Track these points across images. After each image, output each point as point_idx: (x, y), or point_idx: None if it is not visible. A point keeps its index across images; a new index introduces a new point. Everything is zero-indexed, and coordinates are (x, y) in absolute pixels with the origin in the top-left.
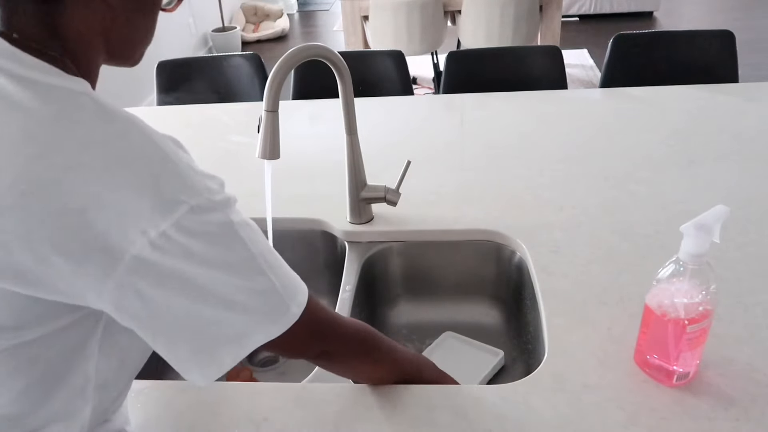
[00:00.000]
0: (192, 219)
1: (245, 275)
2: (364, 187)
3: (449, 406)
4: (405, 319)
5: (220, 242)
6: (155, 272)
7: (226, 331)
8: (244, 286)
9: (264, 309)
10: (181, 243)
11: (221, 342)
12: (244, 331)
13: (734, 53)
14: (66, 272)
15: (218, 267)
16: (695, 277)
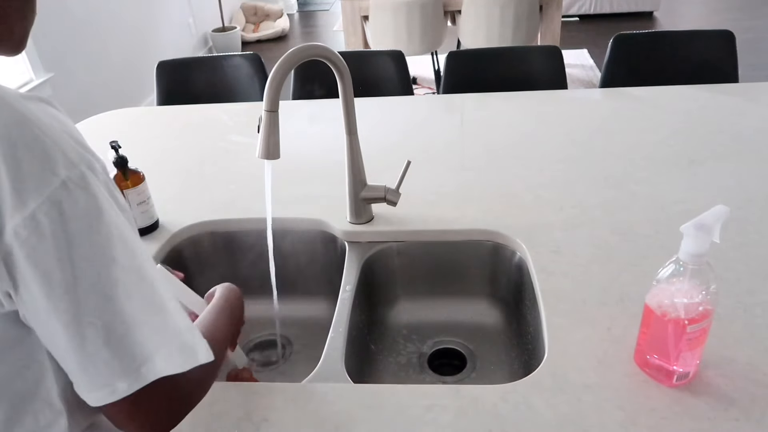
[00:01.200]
0: (63, 196)
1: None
2: (364, 187)
3: (449, 406)
4: (405, 319)
5: (93, 227)
6: (26, 257)
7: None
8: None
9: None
10: (50, 224)
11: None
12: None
13: (734, 53)
14: None
15: (94, 260)
16: (695, 277)
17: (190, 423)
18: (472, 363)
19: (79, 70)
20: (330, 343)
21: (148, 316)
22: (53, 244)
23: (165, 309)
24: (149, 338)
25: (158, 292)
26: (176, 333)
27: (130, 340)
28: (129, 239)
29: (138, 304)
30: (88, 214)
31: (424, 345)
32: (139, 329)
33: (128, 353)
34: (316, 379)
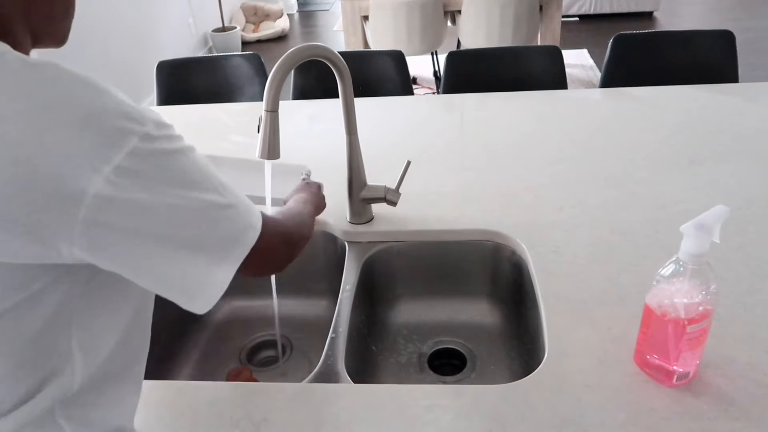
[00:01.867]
0: (143, 147)
1: (212, 192)
2: (364, 187)
3: (449, 406)
4: (405, 319)
5: (177, 165)
6: (119, 207)
7: (211, 250)
8: (212, 202)
9: (236, 220)
10: (138, 173)
11: (211, 260)
12: (228, 245)
13: (734, 53)
14: (32, 226)
15: (183, 188)
16: (695, 277)
17: (190, 423)
18: (472, 363)
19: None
20: (330, 343)
21: (231, 214)
22: (144, 185)
23: (239, 201)
24: (237, 227)
25: (232, 191)
26: (248, 213)
27: (227, 235)
28: (202, 165)
29: (221, 211)
30: (168, 156)
31: (424, 345)
32: (228, 225)
33: (229, 241)
34: (316, 379)
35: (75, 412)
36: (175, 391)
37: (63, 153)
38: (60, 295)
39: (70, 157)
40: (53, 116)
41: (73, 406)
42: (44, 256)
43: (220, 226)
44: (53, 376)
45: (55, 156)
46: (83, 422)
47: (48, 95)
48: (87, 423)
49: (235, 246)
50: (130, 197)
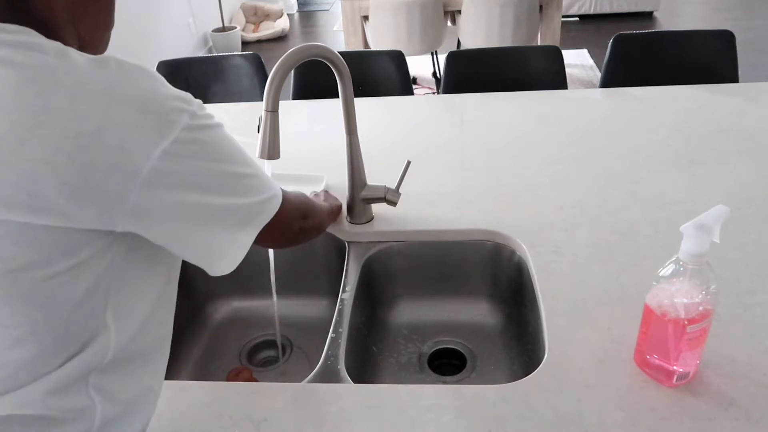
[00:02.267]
0: (193, 124)
1: (242, 164)
2: (364, 187)
3: (449, 406)
4: (405, 319)
5: (216, 140)
6: (172, 178)
7: (240, 215)
8: (243, 173)
9: (261, 189)
10: (189, 146)
11: (238, 225)
12: (254, 211)
13: (734, 53)
14: (93, 192)
15: (222, 161)
16: (695, 277)
17: (191, 423)
18: (472, 363)
19: None
20: (330, 343)
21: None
22: (194, 156)
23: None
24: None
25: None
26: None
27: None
28: (233, 141)
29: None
30: (211, 131)
31: (424, 345)
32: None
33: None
34: (316, 379)
35: (107, 377)
36: (175, 391)
37: (126, 128)
38: (103, 264)
39: (132, 131)
40: (118, 96)
41: (105, 373)
42: (99, 221)
43: (249, 193)
44: (88, 344)
45: (119, 130)
46: (114, 387)
47: (111, 78)
48: (118, 387)
49: (259, 213)
50: (180, 169)
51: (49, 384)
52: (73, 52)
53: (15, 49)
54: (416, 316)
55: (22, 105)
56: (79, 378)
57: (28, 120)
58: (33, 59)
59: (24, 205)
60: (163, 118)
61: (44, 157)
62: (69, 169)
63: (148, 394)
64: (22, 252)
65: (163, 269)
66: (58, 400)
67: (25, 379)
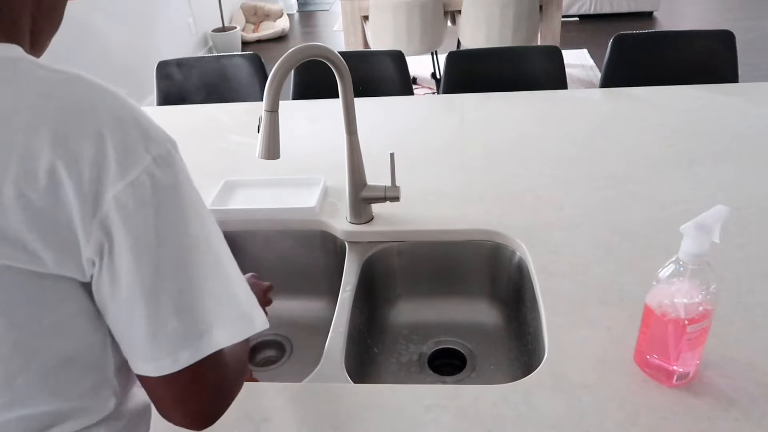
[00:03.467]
0: (155, 171)
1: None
2: (364, 187)
3: (449, 406)
4: (405, 319)
5: (179, 203)
6: (120, 226)
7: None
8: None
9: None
10: (143, 196)
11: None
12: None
13: (734, 53)
14: (56, 233)
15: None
16: (695, 277)
17: None
18: (472, 363)
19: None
20: (330, 343)
21: (214, 284)
22: (144, 212)
23: (229, 278)
24: (213, 308)
25: (224, 262)
26: (237, 302)
27: (196, 308)
28: (202, 211)
29: (205, 272)
30: (172, 186)
31: (424, 345)
32: (205, 298)
33: (193, 322)
34: (316, 379)
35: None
36: None
37: (83, 162)
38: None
39: (88, 166)
40: (77, 127)
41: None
42: (68, 268)
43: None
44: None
45: (77, 168)
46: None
47: (70, 105)
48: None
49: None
50: (132, 220)
51: None
52: (30, 64)
53: None
54: (416, 316)
55: None
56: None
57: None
58: None
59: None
60: (123, 157)
61: (6, 197)
62: (32, 210)
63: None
64: (8, 304)
65: None
66: None
67: None
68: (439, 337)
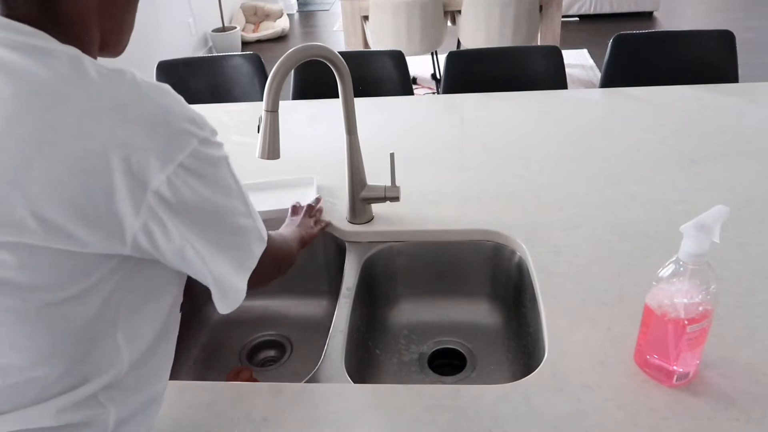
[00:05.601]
0: (202, 151)
1: (241, 203)
2: (364, 187)
3: (449, 406)
4: (405, 319)
5: (222, 173)
6: (173, 205)
7: (233, 255)
8: (240, 211)
9: (252, 231)
10: (195, 173)
11: (231, 266)
12: (244, 254)
13: (734, 53)
14: (97, 217)
15: (223, 195)
16: (695, 277)
17: (191, 422)
18: (472, 363)
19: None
20: (330, 343)
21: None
22: (195, 186)
23: (257, 217)
24: (251, 240)
25: (249, 207)
26: (260, 231)
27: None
28: (234, 180)
29: (241, 220)
30: (216, 162)
31: (424, 345)
32: (247, 235)
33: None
34: (316, 379)
35: (118, 390)
36: (175, 391)
37: (133, 148)
38: (111, 286)
39: (138, 152)
40: (127, 115)
41: (117, 389)
42: (108, 246)
43: (242, 233)
44: (101, 366)
45: (125, 151)
46: (126, 396)
47: (121, 95)
48: (129, 396)
49: (249, 255)
50: (185, 195)
51: (61, 402)
52: (87, 61)
53: (26, 53)
54: (416, 316)
55: (28, 119)
56: (90, 395)
57: (33, 136)
58: (43, 67)
59: (33, 228)
60: (173, 140)
61: (51, 178)
62: (76, 191)
63: (156, 397)
64: (33, 275)
65: (172, 288)
66: (69, 414)
67: (36, 398)
68: (439, 337)
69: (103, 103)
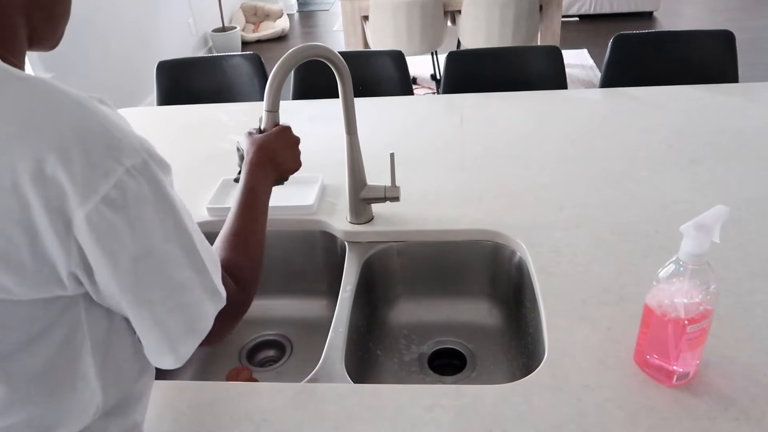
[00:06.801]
0: (128, 183)
1: (185, 250)
2: (364, 187)
3: (449, 406)
4: (405, 319)
5: (158, 212)
6: (95, 248)
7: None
8: (183, 262)
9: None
10: (121, 210)
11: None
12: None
13: (734, 53)
14: (21, 258)
15: (162, 238)
16: (695, 277)
17: (191, 423)
18: (472, 363)
19: (79, 69)
20: (330, 343)
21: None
22: (120, 227)
23: (204, 268)
24: (198, 299)
25: (197, 255)
26: (213, 285)
27: (185, 306)
28: (181, 214)
29: (185, 272)
30: (149, 197)
31: (424, 345)
32: (190, 293)
33: (186, 317)
34: (316, 379)
35: (96, 425)
36: (175, 391)
37: (47, 178)
38: (67, 330)
39: (53, 182)
40: (37, 141)
41: (95, 423)
42: (44, 289)
43: (184, 291)
44: (71, 411)
45: (40, 182)
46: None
47: (32, 116)
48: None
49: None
50: (106, 238)
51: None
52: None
53: None
54: (416, 316)
55: None
56: None
57: None
58: None
59: None
60: (90, 171)
61: None
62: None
63: (134, 427)
64: None
65: None
66: None
67: None
68: (439, 337)
69: (8, 126)
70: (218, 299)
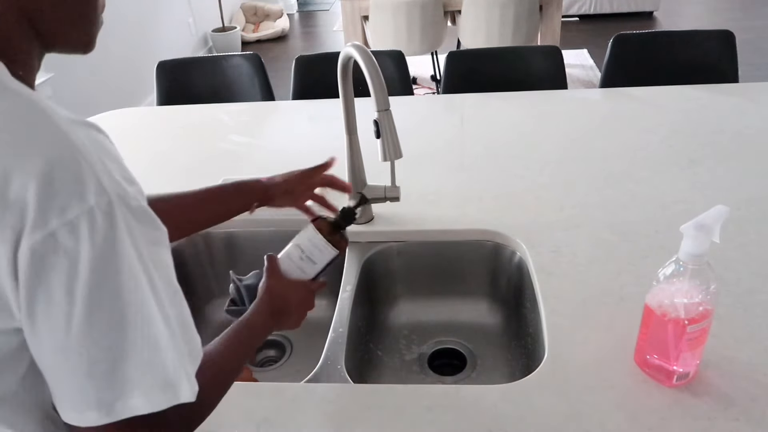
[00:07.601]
0: (83, 224)
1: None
2: (364, 187)
3: (449, 406)
4: (405, 319)
5: (116, 264)
6: (34, 280)
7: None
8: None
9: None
10: (69, 255)
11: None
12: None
13: (734, 53)
14: None
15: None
16: (695, 277)
17: None
18: (472, 363)
19: (79, 69)
20: (330, 343)
21: (137, 351)
22: (62, 268)
23: (157, 345)
24: (132, 374)
25: (155, 327)
26: (162, 369)
27: (112, 373)
28: (137, 272)
29: (130, 338)
30: (103, 244)
31: (424, 345)
32: (125, 364)
33: (108, 386)
34: (316, 379)
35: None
36: None
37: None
38: (28, 363)
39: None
40: (15, 156)
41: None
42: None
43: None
44: None
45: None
46: None
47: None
48: None
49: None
50: (48, 275)
51: None
52: None
53: None
54: (416, 316)
55: None
56: None
57: None
58: None
59: None
60: (48, 201)
61: None
62: None
63: None
64: None
65: None
66: None
67: None
68: (439, 337)
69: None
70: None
